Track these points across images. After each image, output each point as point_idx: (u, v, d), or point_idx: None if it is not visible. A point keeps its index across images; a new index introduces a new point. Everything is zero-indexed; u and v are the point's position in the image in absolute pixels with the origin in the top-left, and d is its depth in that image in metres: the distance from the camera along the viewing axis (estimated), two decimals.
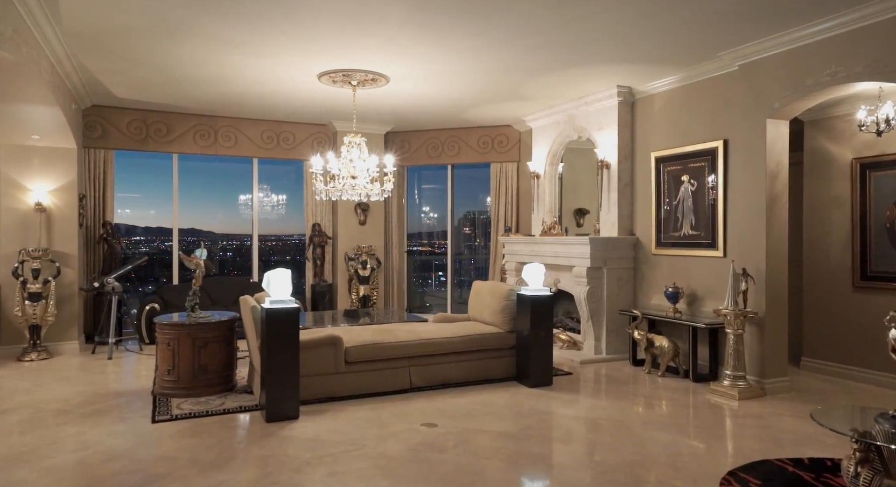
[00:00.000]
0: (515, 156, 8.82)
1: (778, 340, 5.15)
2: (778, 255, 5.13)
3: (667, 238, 6.21)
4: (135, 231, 9.55)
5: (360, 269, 8.73)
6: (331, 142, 8.77)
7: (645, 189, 6.51)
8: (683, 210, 6.01)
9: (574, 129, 7.32)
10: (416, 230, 10.33)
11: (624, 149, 6.67)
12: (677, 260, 6.08)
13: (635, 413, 4.58)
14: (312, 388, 4.77)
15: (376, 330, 5.36)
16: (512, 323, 5.59)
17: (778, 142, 5.12)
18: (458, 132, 9.09)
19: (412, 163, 9.42)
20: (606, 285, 6.52)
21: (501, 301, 5.64)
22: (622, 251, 6.58)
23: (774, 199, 5.10)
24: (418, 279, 10.71)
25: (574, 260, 6.65)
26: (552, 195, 7.88)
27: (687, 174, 5.96)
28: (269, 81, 6.36)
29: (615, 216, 6.68)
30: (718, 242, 5.59)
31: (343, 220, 8.84)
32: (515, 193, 8.83)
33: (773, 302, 5.11)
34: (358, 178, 6.05)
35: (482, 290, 6.04)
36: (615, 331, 6.54)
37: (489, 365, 5.53)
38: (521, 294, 5.47)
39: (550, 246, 7.07)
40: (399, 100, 7.29)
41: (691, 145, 5.89)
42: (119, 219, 8.38)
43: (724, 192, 5.55)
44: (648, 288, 6.46)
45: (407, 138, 9.33)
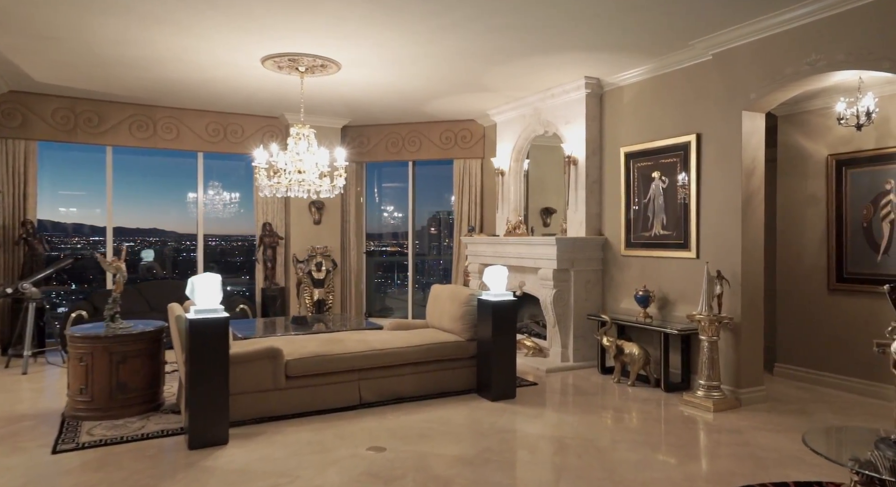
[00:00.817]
0: (479, 152, 8.40)
1: (754, 347, 4.84)
2: (754, 257, 4.82)
3: (637, 238, 5.87)
4: (82, 230, 8.85)
5: (315, 272, 8.19)
6: (283, 135, 8.19)
7: (614, 186, 6.16)
8: (654, 208, 5.67)
9: (540, 123, 6.93)
10: (376, 230, 9.83)
11: (592, 145, 6.31)
12: (648, 261, 5.74)
13: (604, 429, 4.20)
14: (246, 407, 4.24)
15: (323, 340, 4.86)
16: (472, 330, 5.15)
17: (754, 136, 4.81)
18: (419, 127, 8.63)
19: (371, 160, 8.92)
20: (574, 288, 6.14)
21: (461, 306, 5.20)
22: (590, 252, 6.22)
23: (750, 197, 4.79)
24: (381, 281, 10.21)
25: (540, 262, 6.26)
26: (517, 193, 7.49)
27: (658, 170, 5.63)
28: (209, 66, 5.78)
29: (583, 215, 6.31)
30: (691, 243, 5.26)
31: (296, 219, 8.28)
32: (479, 191, 8.41)
33: (749, 307, 4.79)
34: (306, 173, 5.52)
35: (441, 295, 5.59)
36: (583, 337, 6.17)
37: (447, 376, 5.09)
38: (482, 299, 5.04)
39: (515, 247, 6.67)
40: (353, 91, 6.79)
41: (662, 140, 5.55)
42: (62, 218, 7.71)
43: (697, 190, 5.22)
44: (618, 292, 6.11)
45: (365, 133, 8.82)
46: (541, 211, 7.92)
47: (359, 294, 8.96)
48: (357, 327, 5.93)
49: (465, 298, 5.22)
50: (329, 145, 8.25)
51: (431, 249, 9.93)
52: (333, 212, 8.53)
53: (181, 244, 8.91)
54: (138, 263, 8.81)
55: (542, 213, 7.93)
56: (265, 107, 7.64)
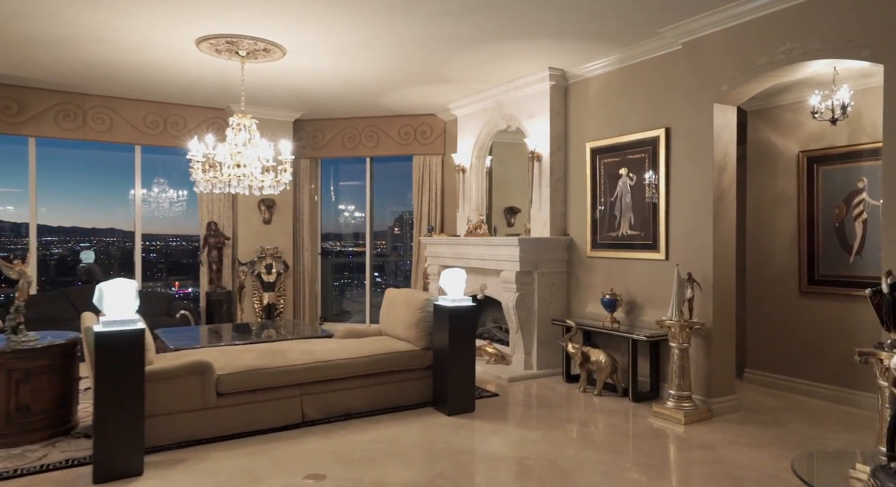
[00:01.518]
0: (440, 148, 8.01)
1: (726, 354, 4.57)
2: (726, 258, 4.55)
3: (603, 238, 5.57)
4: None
5: (265, 274, 7.66)
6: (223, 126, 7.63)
7: (580, 184, 5.84)
8: (622, 207, 5.37)
9: (503, 118, 6.58)
10: (335, 230, 9.33)
11: (556, 140, 5.98)
12: (615, 263, 5.44)
13: (570, 447, 3.85)
14: (169, 430, 3.74)
15: (263, 352, 4.38)
16: (428, 338, 4.75)
17: (726, 130, 4.54)
18: (376, 121, 8.19)
19: (326, 155, 8.43)
20: (538, 291, 5.80)
21: (416, 312, 4.80)
22: (555, 253, 5.89)
23: (722, 195, 4.52)
24: (344, 283, 9.72)
25: (502, 264, 5.90)
26: (479, 191, 7.12)
27: (625, 167, 5.33)
28: (136, 48, 5.23)
29: (547, 214, 5.98)
30: (660, 243, 4.98)
31: (244, 218, 7.74)
32: (440, 189, 8.02)
33: (721, 312, 4.52)
34: (247, 168, 5.03)
35: (395, 300, 5.17)
36: (547, 343, 5.84)
37: (401, 389, 4.67)
38: (439, 304, 4.64)
39: (476, 248, 6.30)
40: (304, 81, 6.31)
41: (630, 134, 5.26)
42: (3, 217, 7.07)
43: (666, 187, 4.94)
44: (584, 295, 5.79)
45: (320, 127, 8.33)
46: (504, 210, 7.58)
47: (313, 297, 8.45)
48: (305, 335, 5.46)
49: (419, 304, 4.81)
50: (278, 139, 7.76)
51: (396, 250, 9.49)
52: (285, 211, 8.00)
53: (126, 244, 8.26)
54: (77, 265, 8.13)
55: (505, 213, 7.59)
56: (209, 97, 7.08)
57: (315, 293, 8.55)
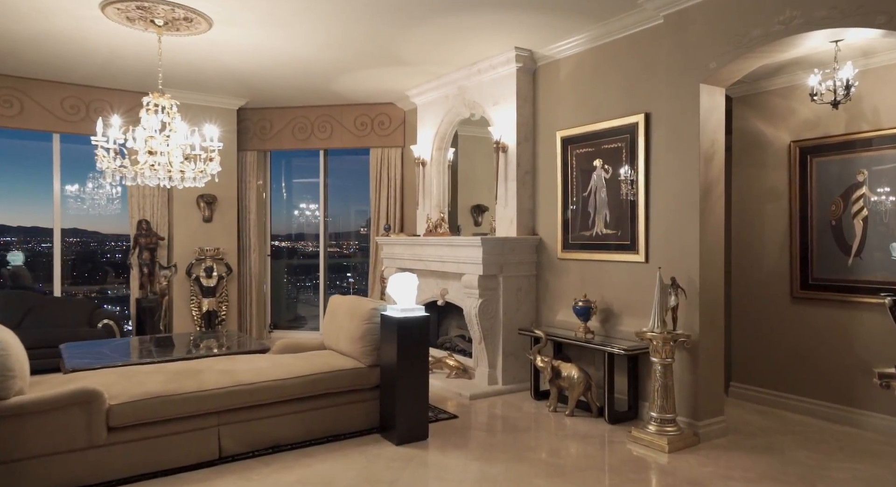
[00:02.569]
0: (399, 140, 7.35)
1: (714, 370, 4.02)
2: (713, 261, 4.00)
3: (576, 238, 4.99)
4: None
5: (204, 278, 6.89)
6: None
7: (550, 177, 5.25)
8: (596, 203, 4.80)
9: (465, 105, 5.96)
10: (293, 229, 8.59)
11: (524, 128, 5.39)
12: (589, 266, 4.86)
13: (537, 484, 3.23)
14: (43, 478, 3.01)
15: (173, 373, 3.66)
16: (375, 353, 4.10)
17: (713, 114, 3.99)
18: (330, 110, 7.49)
19: (276, 148, 7.69)
20: (503, 297, 5.19)
21: (361, 324, 4.14)
22: (522, 254, 5.28)
23: (709, 189, 3.97)
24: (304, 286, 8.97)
25: (463, 267, 5.27)
26: (441, 186, 6.49)
27: (600, 158, 4.75)
28: (33, 14, 4.45)
29: (514, 211, 5.38)
30: (639, 244, 4.41)
31: (181, 216, 6.95)
32: (399, 185, 7.36)
33: (709, 322, 3.97)
34: (164, 155, 4.30)
35: (339, 309, 4.50)
36: (514, 355, 5.23)
37: (343, 414, 4.00)
38: (386, 315, 3.99)
39: (435, 249, 5.66)
40: (238, 59, 5.58)
41: (605, 122, 4.68)
42: None
43: (646, 180, 4.38)
44: (554, 301, 5.20)
45: (267, 117, 7.59)
46: (471, 208, 6.96)
47: (261, 303, 7.70)
48: (235, 349, 4.75)
49: (365, 314, 4.15)
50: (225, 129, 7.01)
51: (364, 251, 8.80)
52: (228, 208, 7.24)
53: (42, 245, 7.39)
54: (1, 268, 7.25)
55: (472, 211, 6.98)
56: (135, 79, 6.29)
57: (263, 298, 7.80)
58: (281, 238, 8.70)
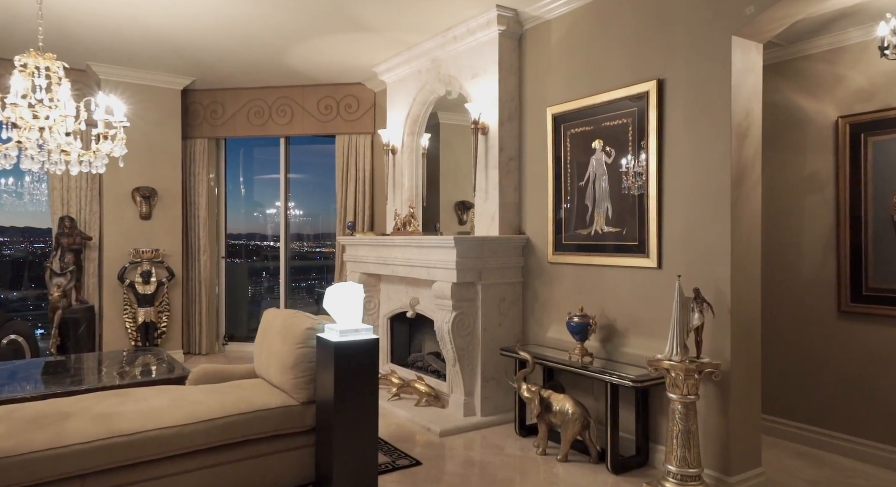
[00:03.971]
0: (369, 125, 6.42)
1: (749, 410, 3.11)
2: (747, 267, 3.09)
3: (571, 238, 4.07)
4: None
5: (140, 284, 5.94)
6: (92, 90, 5.91)
7: (539, 164, 4.33)
8: (595, 194, 3.88)
9: (440, 80, 5.03)
10: (250, 229, 7.66)
11: (508, 105, 4.47)
12: (586, 271, 3.94)
13: None
14: None
15: (27, 420, 2.71)
16: (311, 387, 3.17)
17: (748, 77, 3.08)
18: (290, 92, 6.55)
19: (230, 134, 6.74)
20: (482, 310, 4.27)
21: (294, 348, 3.20)
22: (505, 257, 4.36)
23: (743, 173, 3.06)
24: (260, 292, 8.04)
25: (434, 272, 4.35)
26: (414, 177, 5.56)
27: (600, 138, 3.83)
28: None
29: (495, 206, 4.46)
30: (649, 245, 3.49)
31: (114, 212, 5.99)
32: (369, 177, 6.43)
33: (742, 347, 3.06)
34: (36, 131, 3.35)
35: (272, 326, 3.56)
36: (495, 380, 4.31)
37: (268, 467, 3.07)
38: (323, 338, 3.06)
39: (403, 251, 4.73)
40: (171, 25, 4.65)
41: (606, 93, 3.76)
42: None
43: (659, 164, 3.46)
44: (544, 315, 4.28)
45: (219, 99, 6.65)
46: (455, 205, 6.05)
47: (211, 313, 6.75)
48: (146, 377, 3.80)
49: (298, 335, 3.21)
50: (162, 112, 6.07)
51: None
52: (171, 203, 6.28)
53: None
54: None
55: (456, 208, 6.06)
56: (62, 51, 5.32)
57: (215, 307, 6.85)
58: (244, 237, 7.78)
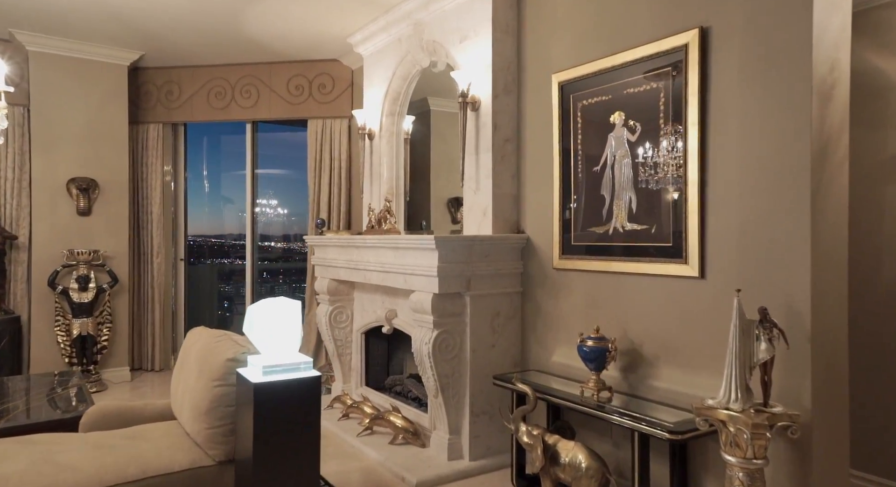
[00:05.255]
0: (345, 107, 5.58)
1: (837, 473, 2.25)
2: (833, 278, 2.25)
3: (583, 237, 3.22)
4: None
5: (75, 291, 5.08)
6: (20, 66, 5.07)
7: (542, 145, 3.48)
8: (615, 182, 3.03)
9: (423, 49, 4.19)
10: (210, 229, 6.83)
11: (503, 74, 3.62)
12: (603, 280, 3.08)
13: None
14: None
15: None
16: (229, 439, 2.32)
17: (834, 17, 2.24)
18: (256, 70, 5.71)
19: (187, 119, 5.90)
20: (471, 327, 3.42)
21: (209, 386, 2.35)
22: (500, 262, 3.51)
23: (826, 148, 2.22)
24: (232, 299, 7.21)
25: (412, 280, 3.50)
26: (395, 167, 4.72)
27: (621, 110, 2.98)
28: None
29: (488, 198, 3.61)
30: (689, 246, 2.64)
31: (45, 207, 5.14)
32: (346, 166, 5.59)
33: (828, 387, 2.21)
34: None
35: (190, 354, 2.71)
36: (487, 414, 3.46)
37: None
38: (242, 374, 2.20)
39: (376, 253, 3.88)
40: None
41: (629, 51, 2.91)
42: None
43: (702, 139, 2.60)
44: (548, 334, 3.43)
45: (175, 78, 5.80)
46: (448, 202, 5.22)
47: (166, 323, 5.90)
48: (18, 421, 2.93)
49: (217, 369, 2.36)
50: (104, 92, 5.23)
51: None
52: (115, 197, 5.43)
53: None
54: None
55: (449, 206, 5.24)
56: None
57: (171, 318, 6.00)
58: (212, 238, 6.95)
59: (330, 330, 4.54)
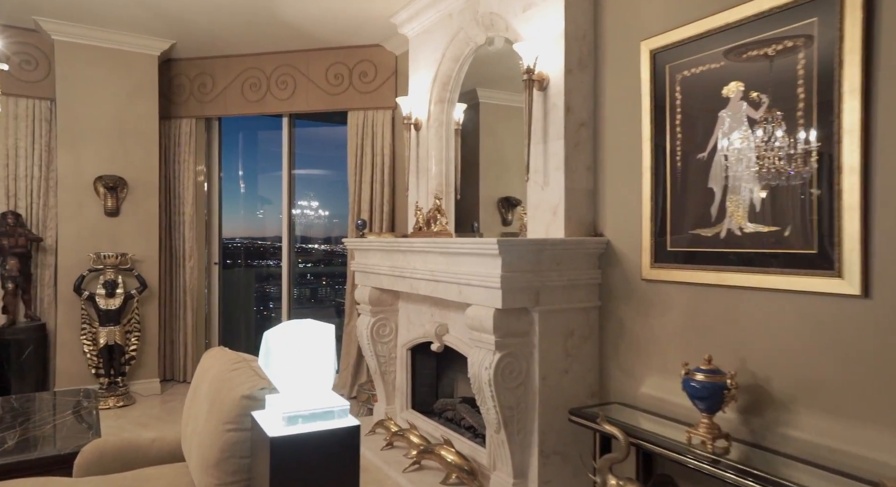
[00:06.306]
0: (389, 97, 5.08)
1: None
2: None
3: (682, 241, 2.59)
4: None
5: (102, 298, 4.74)
6: (46, 56, 4.77)
7: (627, 129, 2.87)
8: (729, 171, 2.39)
9: (478, 23, 3.63)
10: (245, 231, 6.45)
11: (578, 45, 3.02)
12: (713, 296, 2.45)
13: None
14: None
15: None
16: None
17: None
18: (293, 58, 5.27)
19: (221, 113, 5.51)
20: (540, 349, 2.83)
21: (220, 430, 1.84)
22: (574, 271, 2.91)
23: None
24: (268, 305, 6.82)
25: (468, 291, 2.94)
26: (444, 160, 4.18)
27: (741, 80, 2.34)
28: None
29: (559, 194, 3.01)
30: (843, 254, 1.99)
31: (71, 207, 4.81)
32: (389, 163, 5.08)
33: None
34: None
35: (203, 381, 2.22)
36: (560, 455, 2.87)
37: None
38: (257, 421, 1.68)
39: (425, 259, 3.34)
40: None
41: (752, 1, 2.27)
42: None
43: (865, 112, 1.95)
44: (635, 359, 2.81)
45: (208, 70, 5.43)
46: (498, 202, 4.64)
47: (199, 331, 5.52)
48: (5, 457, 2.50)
49: (229, 408, 1.85)
50: (133, 83, 4.88)
51: None
52: (144, 197, 5.07)
53: None
54: None
55: (499, 206, 4.65)
56: (5, 6, 4.19)
57: (206, 324, 5.63)
58: (248, 240, 6.58)
59: (372, 345, 4.03)
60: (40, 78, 4.77)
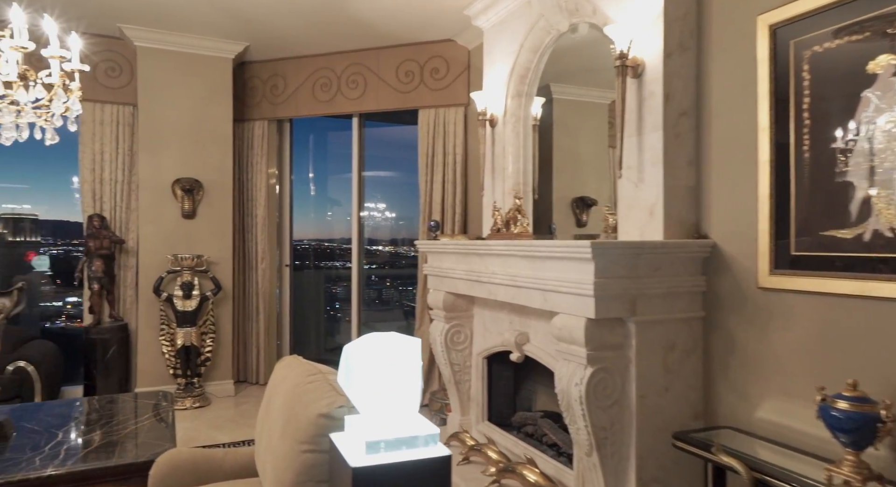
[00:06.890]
0: (461, 94, 4.89)
1: None
2: None
3: (811, 245, 2.23)
4: None
5: (179, 300, 4.80)
6: (129, 62, 4.89)
7: (737, 117, 2.53)
8: (875, 162, 2.02)
9: (562, 9, 3.36)
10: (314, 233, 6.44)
11: (679, 24, 2.71)
12: (854, 308, 2.09)
13: None
14: None
15: None
16: None
17: None
18: (363, 57, 5.18)
19: (292, 114, 5.51)
20: (637, 364, 2.54)
21: (295, 451, 1.69)
22: (675, 277, 2.60)
23: None
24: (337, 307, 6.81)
25: (555, 299, 2.68)
26: (522, 158, 3.94)
27: (891, 53, 1.98)
28: None
29: (657, 192, 2.70)
30: None
31: (150, 210, 4.91)
32: (461, 162, 4.89)
33: None
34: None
35: (277, 392, 2.08)
36: (660, 483, 2.56)
37: None
38: (337, 446, 1.51)
39: (505, 263, 3.11)
40: None
41: None
42: None
43: None
44: (748, 378, 2.47)
45: (280, 71, 5.43)
46: (572, 203, 4.36)
47: (272, 333, 5.53)
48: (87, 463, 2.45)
49: (305, 427, 1.69)
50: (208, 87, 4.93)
51: None
52: (219, 199, 5.12)
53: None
54: None
55: (573, 207, 4.37)
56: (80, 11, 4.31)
57: (278, 326, 5.64)
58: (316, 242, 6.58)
59: (446, 353, 3.84)
60: (124, 84, 4.89)
